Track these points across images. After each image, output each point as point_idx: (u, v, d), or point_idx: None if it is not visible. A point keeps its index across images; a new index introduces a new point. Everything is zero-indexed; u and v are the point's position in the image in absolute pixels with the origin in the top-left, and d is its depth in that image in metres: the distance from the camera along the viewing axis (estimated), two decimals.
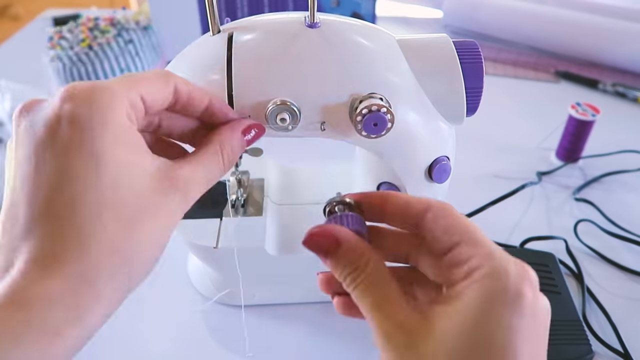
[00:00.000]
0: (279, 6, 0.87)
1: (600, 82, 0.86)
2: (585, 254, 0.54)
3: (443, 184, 0.42)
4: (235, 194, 0.47)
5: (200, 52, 0.36)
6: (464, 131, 0.57)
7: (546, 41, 0.96)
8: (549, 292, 0.46)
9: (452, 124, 0.39)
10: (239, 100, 0.33)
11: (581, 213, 0.60)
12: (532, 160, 0.69)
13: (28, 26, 1.14)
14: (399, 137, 0.36)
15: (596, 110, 0.64)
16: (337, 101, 0.34)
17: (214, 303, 0.48)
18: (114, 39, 0.75)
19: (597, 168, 0.67)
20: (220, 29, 0.35)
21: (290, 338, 0.46)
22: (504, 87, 0.87)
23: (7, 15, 1.95)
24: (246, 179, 0.49)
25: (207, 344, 0.45)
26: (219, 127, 0.31)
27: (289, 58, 0.33)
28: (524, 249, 0.52)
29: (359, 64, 0.34)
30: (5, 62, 0.98)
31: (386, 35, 0.37)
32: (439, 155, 0.39)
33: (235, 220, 0.45)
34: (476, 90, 0.37)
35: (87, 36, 0.74)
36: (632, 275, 0.52)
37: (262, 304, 0.48)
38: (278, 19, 0.36)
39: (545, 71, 0.92)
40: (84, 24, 0.77)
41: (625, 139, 0.72)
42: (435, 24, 1.14)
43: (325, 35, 0.34)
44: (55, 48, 0.75)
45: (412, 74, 0.36)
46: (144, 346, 0.44)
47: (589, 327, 0.45)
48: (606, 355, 0.44)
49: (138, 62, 0.77)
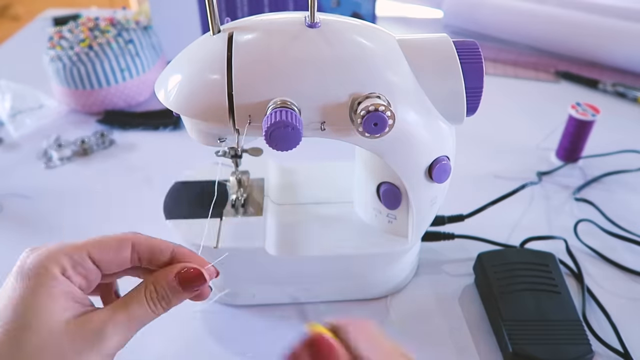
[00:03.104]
0: (279, 6, 0.87)
1: (600, 82, 0.86)
2: (585, 254, 0.54)
3: (443, 184, 0.42)
4: (235, 194, 0.47)
5: (200, 52, 0.36)
6: (464, 131, 0.57)
7: (546, 41, 0.96)
8: (549, 292, 0.46)
9: (452, 124, 0.39)
10: (239, 100, 0.33)
11: (581, 213, 0.60)
12: (532, 160, 0.69)
13: (28, 26, 1.14)
14: (399, 136, 0.36)
15: (596, 110, 0.64)
16: (337, 101, 0.34)
17: (214, 303, 0.48)
18: (114, 39, 0.75)
19: (597, 168, 0.67)
20: (221, 29, 0.35)
21: (291, 338, 0.46)
22: (504, 87, 0.87)
23: (7, 15, 1.95)
24: (246, 179, 0.49)
25: (207, 344, 0.45)
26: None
27: (289, 58, 0.33)
28: (524, 249, 0.53)
29: (359, 63, 0.34)
30: (5, 62, 0.98)
31: (386, 35, 0.37)
32: (439, 155, 0.39)
33: (235, 220, 0.45)
34: (476, 90, 0.37)
35: (87, 36, 0.74)
36: (632, 275, 0.52)
37: (262, 303, 0.48)
38: (278, 19, 0.36)
39: (545, 71, 0.92)
40: (84, 24, 0.77)
41: (625, 139, 0.72)
42: (435, 24, 1.14)
43: (326, 35, 0.34)
44: (55, 48, 0.75)
45: (412, 73, 0.36)
46: (144, 346, 0.44)
47: (588, 327, 0.45)
48: (606, 355, 0.44)
49: (138, 62, 0.77)
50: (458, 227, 0.54)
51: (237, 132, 0.36)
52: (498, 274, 0.47)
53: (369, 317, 0.47)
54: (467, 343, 0.45)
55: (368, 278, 0.48)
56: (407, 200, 0.42)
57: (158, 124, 0.75)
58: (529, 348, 0.42)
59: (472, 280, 0.51)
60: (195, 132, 0.38)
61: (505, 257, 0.49)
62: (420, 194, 0.41)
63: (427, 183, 0.40)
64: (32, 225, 0.58)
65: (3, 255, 0.54)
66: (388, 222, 0.45)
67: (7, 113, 0.76)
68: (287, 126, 0.31)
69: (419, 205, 0.42)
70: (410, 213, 0.43)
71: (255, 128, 0.34)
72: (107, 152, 0.71)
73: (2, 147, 0.72)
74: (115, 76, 0.75)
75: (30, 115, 0.76)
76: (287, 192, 0.50)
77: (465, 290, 0.50)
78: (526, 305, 0.45)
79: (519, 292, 0.46)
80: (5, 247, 0.55)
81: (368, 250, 0.45)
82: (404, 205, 0.43)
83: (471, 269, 0.51)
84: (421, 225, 0.45)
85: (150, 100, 0.82)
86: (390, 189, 0.42)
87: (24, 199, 0.62)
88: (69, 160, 0.69)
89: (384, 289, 0.49)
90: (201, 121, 0.35)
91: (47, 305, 0.28)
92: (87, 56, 0.73)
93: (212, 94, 0.34)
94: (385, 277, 0.48)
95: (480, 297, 0.49)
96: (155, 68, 0.81)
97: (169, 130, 0.75)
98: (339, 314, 0.47)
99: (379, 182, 0.43)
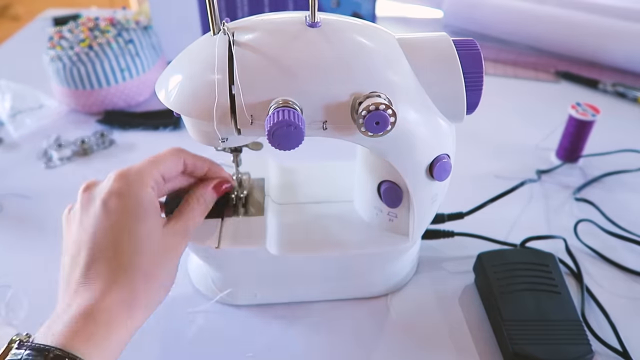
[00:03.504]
0: (279, 6, 0.87)
1: (600, 82, 0.86)
2: (585, 253, 0.54)
3: (444, 182, 0.42)
4: (236, 193, 0.48)
5: (200, 52, 0.36)
6: (465, 131, 0.57)
7: (546, 41, 0.96)
8: (549, 292, 0.46)
9: (452, 122, 0.39)
10: (240, 101, 0.33)
11: (581, 213, 0.60)
12: (532, 160, 0.69)
13: (28, 26, 1.14)
14: (400, 135, 0.36)
15: (596, 110, 0.64)
16: (339, 100, 0.34)
17: (215, 303, 0.48)
18: (114, 39, 0.75)
19: (597, 168, 0.67)
20: (221, 29, 0.35)
21: (291, 338, 0.46)
22: (504, 87, 0.87)
23: (7, 15, 1.95)
24: (247, 178, 0.49)
25: (208, 344, 0.45)
26: (197, 184, 0.44)
27: (290, 57, 0.33)
28: (524, 249, 0.53)
29: (360, 62, 0.34)
30: (5, 62, 0.98)
31: (386, 34, 0.37)
32: (439, 153, 0.39)
33: (236, 220, 0.46)
34: (476, 76, 0.37)
35: (87, 36, 0.74)
36: (632, 275, 0.52)
37: (263, 303, 0.48)
38: (279, 19, 0.36)
39: (545, 71, 0.92)
40: (84, 24, 0.77)
41: (625, 139, 0.72)
42: (435, 24, 1.14)
43: (326, 34, 0.34)
44: (55, 48, 0.75)
45: (413, 72, 0.36)
46: (144, 346, 0.44)
47: (588, 327, 0.45)
48: (606, 355, 0.44)
49: (138, 62, 0.77)
50: (458, 225, 0.54)
51: (239, 132, 0.36)
52: (498, 274, 0.47)
53: (369, 315, 0.47)
54: (467, 343, 0.45)
55: (369, 276, 0.48)
56: (408, 198, 0.42)
57: (158, 124, 0.75)
58: (529, 348, 0.42)
59: (472, 280, 0.51)
60: (195, 132, 0.38)
61: (505, 257, 0.49)
62: (421, 192, 0.41)
63: (428, 181, 0.40)
64: (32, 225, 0.58)
65: (3, 255, 0.54)
66: (389, 220, 0.45)
67: (7, 113, 0.76)
68: (290, 125, 0.31)
69: (420, 203, 0.42)
70: (411, 211, 0.43)
71: (257, 127, 0.34)
72: (107, 152, 0.71)
73: (2, 147, 0.72)
74: (115, 76, 0.75)
75: (30, 115, 0.76)
76: (287, 192, 0.50)
77: (465, 290, 0.50)
78: (526, 305, 0.45)
79: (519, 292, 0.46)
80: (5, 247, 0.55)
81: (369, 249, 0.45)
82: (404, 204, 0.43)
83: (471, 267, 0.51)
84: (422, 223, 0.45)
85: (150, 100, 0.82)
86: (391, 187, 0.42)
87: (24, 199, 0.62)
88: (69, 160, 0.69)
89: (385, 287, 0.49)
90: (202, 121, 0.35)
91: (150, 214, 0.37)
92: (87, 56, 0.73)
93: (213, 94, 0.34)
94: (386, 275, 0.48)
95: (480, 297, 0.49)
96: (155, 68, 0.81)
97: (169, 130, 0.75)
98: (340, 313, 0.48)
99: (380, 181, 0.43)
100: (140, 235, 0.36)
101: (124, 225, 0.36)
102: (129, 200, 0.36)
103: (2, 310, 0.47)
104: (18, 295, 0.49)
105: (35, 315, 0.47)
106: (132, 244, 0.36)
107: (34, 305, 0.48)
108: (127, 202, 0.36)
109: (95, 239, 0.35)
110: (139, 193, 0.37)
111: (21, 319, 0.47)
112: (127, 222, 0.36)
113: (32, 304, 0.48)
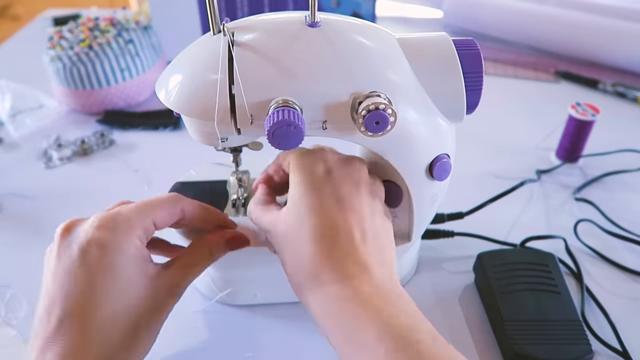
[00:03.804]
0: (279, 6, 0.87)
1: (600, 82, 0.86)
2: (585, 253, 0.54)
3: (444, 182, 0.42)
4: (235, 193, 0.47)
5: (200, 52, 0.36)
6: (465, 131, 0.57)
7: (546, 41, 0.96)
8: (549, 292, 0.46)
9: (452, 122, 0.39)
10: (241, 100, 0.33)
11: (581, 213, 0.60)
12: (532, 160, 0.69)
13: (28, 26, 1.14)
14: (400, 135, 0.36)
15: (596, 110, 0.64)
16: (339, 100, 0.34)
17: (215, 303, 0.48)
18: (114, 39, 0.75)
19: (597, 168, 0.67)
20: (221, 29, 0.35)
21: (292, 338, 0.46)
22: (504, 87, 0.87)
23: (7, 15, 1.95)
24: (247, 178, 0.49)
25: (208, 344, 0.45)
26: (208, 234, 0.40)
27: (290, 57, 0.33)
28: (524, 249, 0.53)
29: (360, 62, 0.34)
30: (5, 62, 0.98)
31: (386, 34, 0.37)
32: (439, 153, 0.39)
33: (236, 219, 0.45)
34: (476, 76, 0.37)
35: (87, 36, 0.74)
36: (632, 275, 0.52)
37: (264, 303, 0.48)
38: (279, 19, 0.36)
39: (545, 71, 0.92)
40: (84, 24, 0.77)
41: (625, 139, 0.72)
42: (435, 24, 1.14)
43: (326, 34, 0.34)
44: (55, 48, 0.75)
45: (413, 72, 0.36)
46: None
47: (588, 327, 0.45)
48: (606, 355, 0.44)
49: (138, 62, 0.77)
50: (458, 225, 0.54)
51: (239, 132, 0.36)
52: (498, 273, 0.47)
53: None
54: (467, 343, 0.45)
55: None
56: (408, 198, 0.42)
57: (158, 124, 0.75)
58: (529, 348, 0.42)
59: (472, 280, 0.51)
60: (195, 132, 0.38)
61: (505, 257, 0.49)
62: (421, 191, 0.41)
63: (428, 181, 0.40)
64: (32, 225, 0.58)
65: (3, 255, 0.54)
66: None
67: (7, 113, 0.76)
68: (290, 125, 0.31)
69: (420, 203, 0.42)
70: (411, 211, 0.43)
71: (257, 127, 0.34)
72: (107, 152, 0.71)
73: (2, 147, 0.72)
74: (115, 76, 0.75)
75: (30, 115, 0.76)
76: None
77: (465, 289, 0.50)
78: (526, 305, 0.45)
79: (519, 292, 0.46)
80: (5, 247, 0.55)
81: None
82: (404, 204, 0.43)
83: (471, 266, 0.51)
84: (422, 223, 0.45)
85: (150, 100, 0.82)
86: (391, 187, 0.42)
87: (24, 199, 0.62)
88: (69, 160, 0.69)
89: None
90: (202, 121, 0.35)
91: (133, 271, 0.34)
92: (87, 56, 0.73)
93: (213, 94, 0.34)
94: None
95: (480, 297, 0.49)
96: (155, 68, 0.81)
97: (169, 130, 0.75)
98: None
99: (380, 181, 0.43)
100: (119, 297, 0.33)
101: (102, 286, 0.32)
102: (111, 254, 0.33)
103: (1, 310, 0.48)
104: (18, 295, 0.49)
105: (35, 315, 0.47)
106: (110, 306, 0.32)
107: (33, 305, 0.48)
108: (108, 257, 0.33)
109: (68, 297, 0.32)
110: (122, 246, 0.33)
111: (21, 319, 0.47)
112: (105, 283, 0.32)
113: (32, 304, 0.48)
